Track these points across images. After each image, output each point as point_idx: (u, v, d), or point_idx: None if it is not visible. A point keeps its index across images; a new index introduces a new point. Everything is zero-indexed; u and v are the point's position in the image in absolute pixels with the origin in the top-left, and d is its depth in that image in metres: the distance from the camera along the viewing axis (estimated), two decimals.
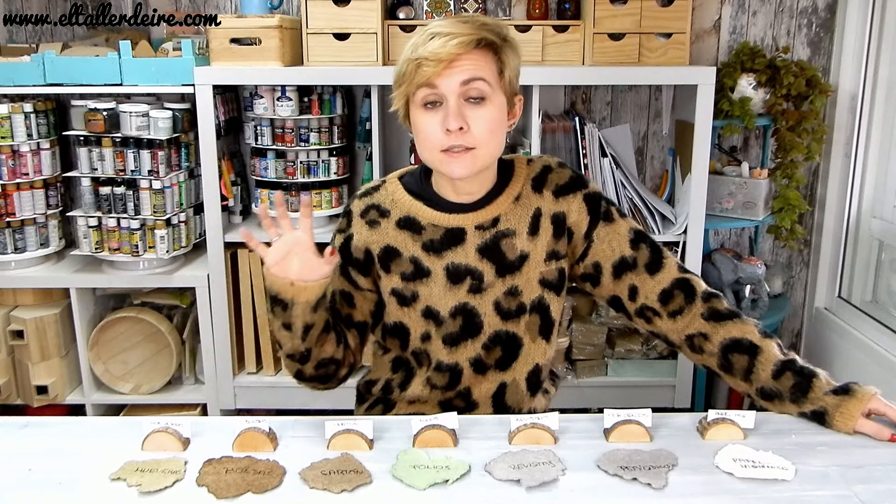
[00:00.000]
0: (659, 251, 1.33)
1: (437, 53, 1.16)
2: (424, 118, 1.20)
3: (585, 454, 1.12)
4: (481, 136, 1.19)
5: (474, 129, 1.19)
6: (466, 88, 1.18)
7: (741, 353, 1.25)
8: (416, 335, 1.32)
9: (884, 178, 2.47)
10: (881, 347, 2.29)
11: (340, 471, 1.07)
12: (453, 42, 1.16)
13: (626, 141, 2.61)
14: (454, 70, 1.17)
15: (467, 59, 1.17)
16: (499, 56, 1.21)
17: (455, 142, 1.18)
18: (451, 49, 1.16)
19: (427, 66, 1.16)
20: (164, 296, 2.44)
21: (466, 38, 1.17)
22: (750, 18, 2.56)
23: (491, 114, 1.20)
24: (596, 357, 2.48)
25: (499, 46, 1.21)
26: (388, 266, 1.30)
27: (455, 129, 1.17)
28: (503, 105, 1.23)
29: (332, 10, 2.22)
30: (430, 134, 1.20)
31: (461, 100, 1.18)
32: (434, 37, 1.17)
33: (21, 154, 2.27)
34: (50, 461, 1.11)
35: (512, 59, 1.23)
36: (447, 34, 1.16)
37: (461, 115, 1.18)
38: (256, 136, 2.35)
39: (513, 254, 1.29)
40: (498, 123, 1.22)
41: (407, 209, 1.30)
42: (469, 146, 1.19)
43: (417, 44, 1.19)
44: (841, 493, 1.03)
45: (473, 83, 1.18)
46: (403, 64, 1.20)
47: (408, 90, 1.20)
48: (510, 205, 1.30)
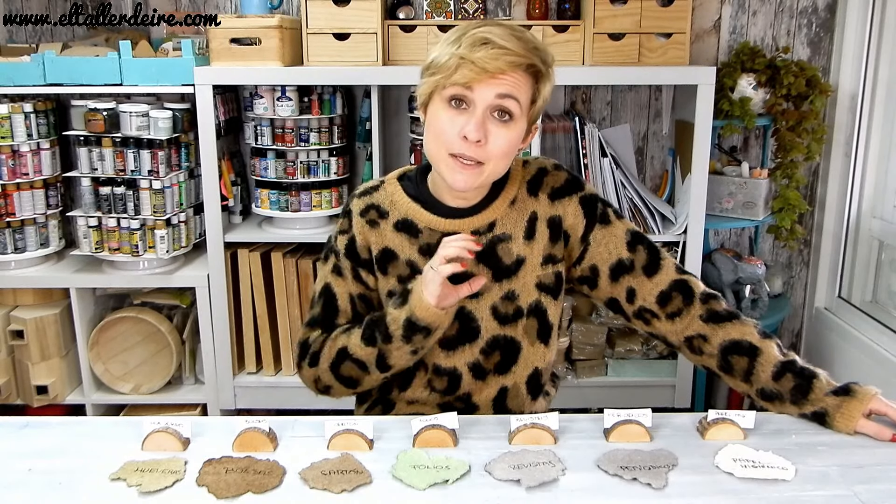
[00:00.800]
0: (656, 253, 1.32)
1: (484, 62, 1.13)
2: (446, 115, 1.18)
3: (585, 454, 1.12)
4: (494, 154, 1.18)
5: (491, 145, 1.17)
6: (499, 102, 1.16)
7: (741, 355, 1.24)
8: None
9: (884, 178, 2.47)
10: (881, 347, 2.29)
11: (340, 471, 1.07)
12: (506, 59, 1.13)
13: (626, 141, 2.61)
14: (494, 82, 1.15)
15: (510, 76, 1.15)
16: (538, 84, 1.20)
17: (468, 151, 1.17)
18: (500, 65, 1.13)
19: (470, 70, 1.14)
20: (164, 296, 2.44)
21: (519, 59, 1.15)
22: (750, 18, 2.56)
23: (511, 135, 1.18)
24: (596, 357, 2.48)
25: (542, 76, 1.19)
26: (385, 268, 1.30)
27: (474, 139, 1.15)
28: (523, 130, 1.21)
29: (332, 10, 2.22)
30: (447, 132, 1.18)
31: (488, 112, 1.17)
32: (487, 43, 1.14)
33: (21, 154, 2.27)
34: (50, 461, 1.11)
35: (546, 89, 1.21)
36: (501, 48, 1.13)
37: (484, 127, 1.16)
38: (256, 136, 2.35)
39: (509, 258, 1.29)
40: (513, 146, 1.20)
41: (405, 212, 1.29)
42: (480, 160, 1.18)
43: (465, 41, 1.15)
44: (841, 493, 1.03)
45: (507, 100, 1.16)
46: (446, 55, 1.16)
47: (441, 82, 1.17)
48: (506, 209, 1.29)
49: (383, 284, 1.31)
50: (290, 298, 2.37)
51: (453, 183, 1.20)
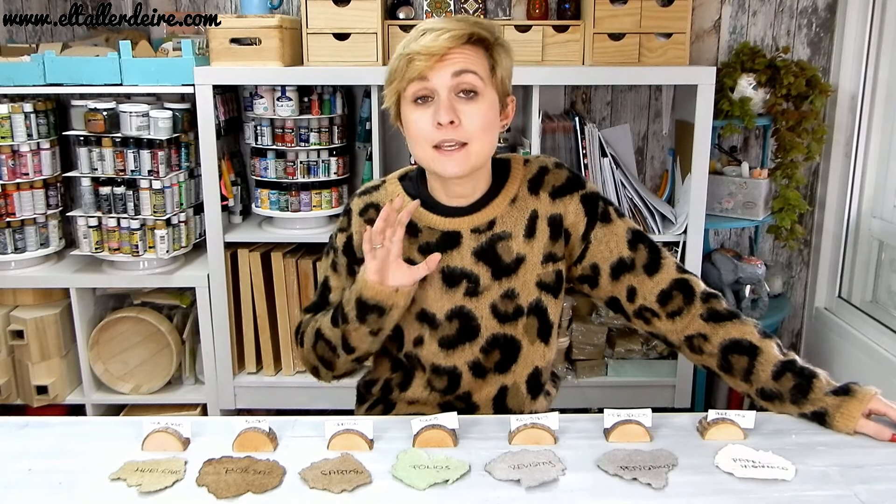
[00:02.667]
0: (657, 252, 1.32)
1: (428, 48, 1.16)
2: (415, 114, 1.20)
3: (585, 454, 1.12)
4: (473, 131, 1.19)
5: (466, 124, 1.18)
6: (458, 81, 1.18)
7: (741, 354, 1.24)
8: (408, 338, 1.32)
9: (884, 178, 2.47)
10: (881, 347, 2.29)
11: (340, 471, 1.07)
12: (445, 36, 1.16)
13: (626, 141, 2.61)
14: (445, 63, 1.17)
15: (459, 52, 1.18)
16: (490, 53, 1.21)
17: (447, 136, 1.18)
18: (443, 42, 1.16)
19: (419, 61, 1.16)
20: (164, 296, 2.44)
21: (458, 32, 1.17)
22: (750, 18, 2.56)
23: (483, 109, 1.20)
24: (596, 357, 2.48)
25: (490, 44, 1.21)
26: None
27: (446, 122, 1.17)
28: (495, 102, 1.23)
29: (332, 10, 2.22)
30: (422, 129, 1.19)
31: (453, 94, 1.18)
32: (425, 33, 1.18)
33: (21, 154, 2.27)
34: (50, 461, 1.11)
35: (504, 58, 1.23)
36: (439, 29, 1.17)
37: (453, 108, 1.18)
38: (256, 136, 2.35)
39: (509, 257, 1.29)
40: (490, 120, 1.21)
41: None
42: (462, 140, 1.19)
43: (409, 40, 1.20)
44: (841, 493, 1.03)
45: (465, 75, 1.18)
46: (395, 61, 1.20)
47: (399, 86, 1.20)
48: (506, 207, 1.29)
49: None
50: (290, 298, 2.37)
51: (444, 170, 1.21)
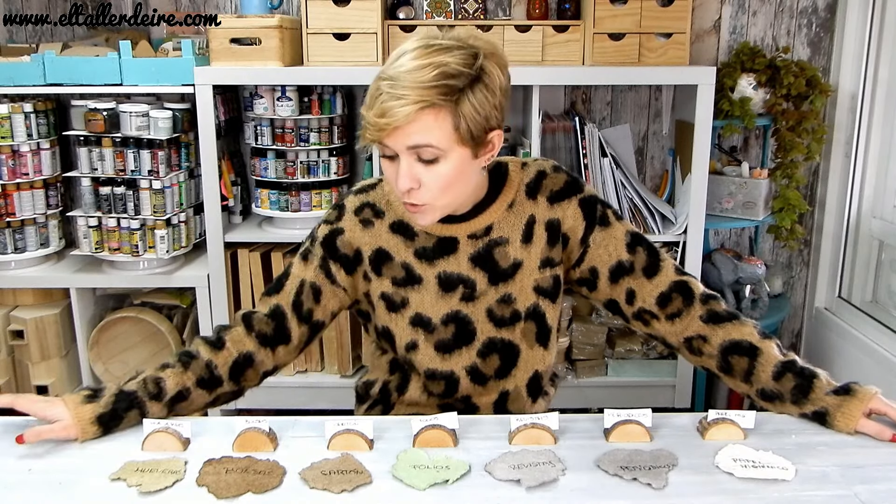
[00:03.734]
0: (656, 254, 1.31)
1: (377, 122, 1.09)
2: (384, 166, 1.18)
3: (585, 454, 1.12)
4: (432, 195, 1.16)
5: (426, 188, 1.15)
6: (416, 151, 1.12)
7: (741, 355, 1.24)
8: (401, 343, 1.30)
9: (884, 178, 2.47)
10: (881, 347, 2.29)
11: (340, 471, 1.07)
12: (396, 111, 1.07)
13: (626, 141, 2.61)
14: (399, 134, 1.10)
15: (413, 124, 1.09)
16: (457, 107, 1.10)
17: (408, 199, 1.16)
18: (392, 120, 1.08)
19: (371, 133, 1.11)
20: (164, 296, 2.44)
21: (409, 107, 1.07)
22: (750, 18, 2.56)
23: (444, 171, 1.14)
24: (596, 357, 2.48)
25: (453, 102, 1.09)
26: (379, 269, 1.29)
27: (404, 189, 1.14)
28: (463, 156, 1.14)
29: (332, 10, 2.22)
30: (390, 181, 1.19)
31: (412, 158, 1.13)
32: (380, 94, 1.09)
33: (21, 154, 2.27)
34: (50, 461, 1.11)
35: (473, 103, 1.11)
36: (392, 97, 1.08)
37: (412, 175, 1.13)
38: (256, 136, 2.35)
39: (506, 262, 1.28)
40: (454, 178, 1.15)
41: (401, 213, 1.28)
42: (419, 203, 1.16)
43: (371, 94, 1.12)
44: (841, 493, 1.02)
45: (421, 149, 1.12)
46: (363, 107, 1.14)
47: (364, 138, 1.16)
48: (503, 212, 1.28)
49: (376, 286, 1.29)
50: None
51: (415, 223, 1.24)
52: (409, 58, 1.10)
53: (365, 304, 1.34)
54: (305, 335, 1.32)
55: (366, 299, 1.33)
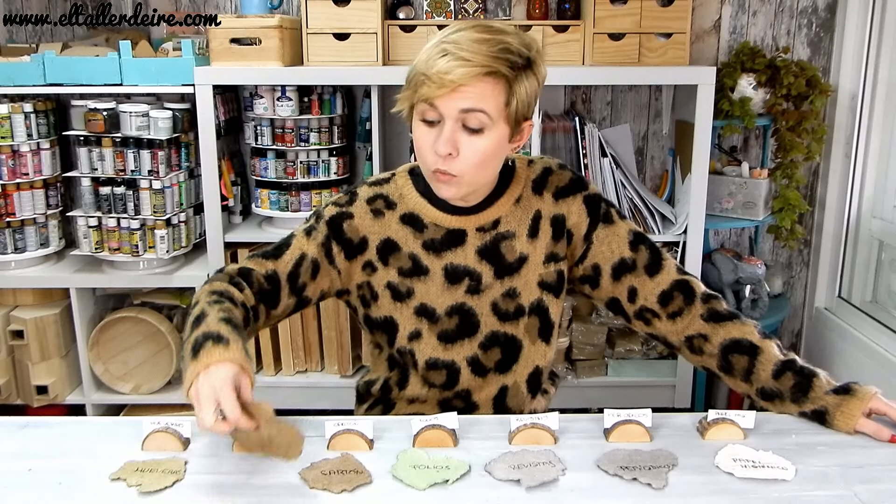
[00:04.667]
0: (658, 253, 1.32)
1: (441, 77, 1.11)
2: (420, 132, 1.19)
3: (585, 454, 1.12)
4: (467, 167, 1.17)
5: (463, 158, 1.16)
6: (465, 116, 1.14)
7: (741, 354, 1.25)
8: (403, 332, 1.31)
9: (884, 178, 2.47)
10: (881, 347, 2.29)
11: (340, 471, 1.07)
12: (461, 70, 1.10)
13: (626, 141, 2.61)
14: (455, 96, 1.12)
15: (473, 86, 1.12)
16: (510, 86, 1.15)
17: (441, 165, 1.17)
18: (456, 77, 1.10)
19: (429, 88, 1.12)
20: (164, 296, 2.44)
21: (477, 70, 1.11)
22: (750, 18, 2.56)
23: (485, 145, 1.16)
24: (596, 357, 2.48)
25: (513, 78, 1.14)
26: (386, 259, 1.30)
27: (443, 153, 1.15)
28: (503, 135, 1.18)
29: (332, 10, 2.22)
30: (423, 150, 1.19)
31: (458, 124, 1.15)
32: (445, 55, 1.12)
33: (21, 154, 2.27)
34: (50, 461, 1.11)
35: (525, 86, 1.16)
36: (459, 59, 1.11)
37: (453, 140, 1.15)
38: (256, 136, 2.35)
39: (512, 256, 1.29)
40: (491, 154, 1.18)
41: (412, 206, 1.30)
42: (453, 173, 1.17)
43: (428, 55, 1.14)
44: (841, 493, 1.02)
45: (473, 113, 1.14)
46: (412, 71, 1.17)
47: (411, 97, 1.18)
48: (511, 207, 1.30)
49: (382, 275, 1.30)
50: None
51: (438, 193, 1.23)
52: (469, 32, 1.14)
53: (355, 294, 1.33)
54: (290, 308, 1.29)
55: (363, 289, 1.32)
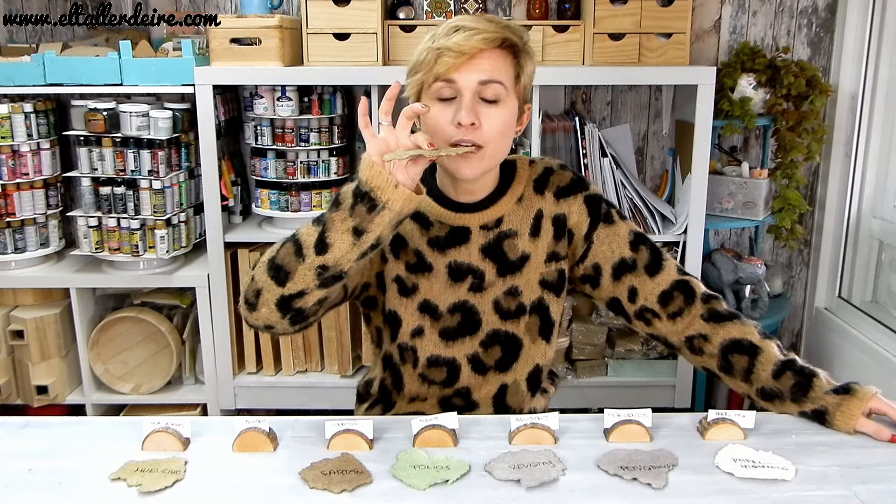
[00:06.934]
0: (658, 253, 1.33)
1: (460, 46, 1.15)
2: (436, 110, 1.19)
3: (585, 454, 1.12)
4: (491, 135, 1.19)
5: (486, 127, 1.18)
6: (483, 88, 1.18)
7: (741, 354, 1.25)
8: (406, 328, 1.32)
9: (884, 178, 2.47)
10: (881, 347, 2.29)
11: (340, 471, 1.07)
12: (478, 37, 1.16)
13: (626, 141, 2.61)
14: (473, 67, 1.17)
15: (488, 57, 1.17)
16: (518, 60, 1.21)
17: (465, 136, 1.18)
18: (475, 43, 1.15)
19: (448, 57, 1.16)
20: (164, 296, 2.44)
21: (491, 35, 1.16)
22: (750, 18, 2.56)
23: (503, 114, 1.20)
24: (596, 357, 2.48)
25: (519, 50, 1.21)
26: (397, 252, 1.31)
27: (468, 123, 1.16)
28: (515, 110, 1.23)
29: (332, 10, 2.22)
30: (441, 126, 1.19)
31: (476, 97, 1.18)
32: (458, 30, 1.17)
33: (21, 154, 2.27)
34: (50, 461, 1.11)
35: (528, 65, 1.23)
36: (472, 29, 1.16)
37: (475, 110, 1.18)
38: (256, 136, 2.35)
39: (514, 254, 1.30)
40: (508, 126, 1.22)
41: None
42: (479, 143, 1.18)
43: (439, 35, 1.18)
44: (841, 493, 1.03)
45: (491, 84, 1.18)
46: (423, 52, 1.19)
47: (424, 78, 1.20)
48: (513, 205, 1.31)
49: (392, 267, 1.31)
50: None
51: (458, 172, 1.20)
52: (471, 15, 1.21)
53: (375, 286, 1.34)
54: (339, 297, 1.25)
55: (377, 280, 1.32)
